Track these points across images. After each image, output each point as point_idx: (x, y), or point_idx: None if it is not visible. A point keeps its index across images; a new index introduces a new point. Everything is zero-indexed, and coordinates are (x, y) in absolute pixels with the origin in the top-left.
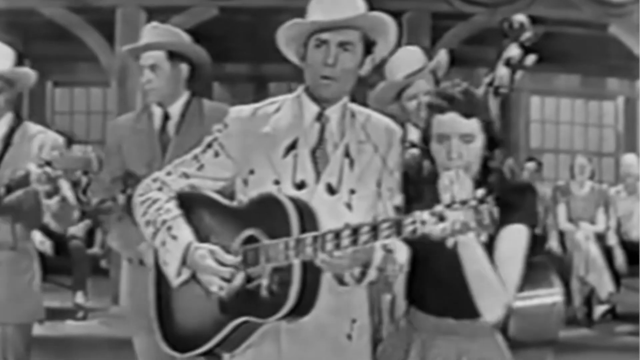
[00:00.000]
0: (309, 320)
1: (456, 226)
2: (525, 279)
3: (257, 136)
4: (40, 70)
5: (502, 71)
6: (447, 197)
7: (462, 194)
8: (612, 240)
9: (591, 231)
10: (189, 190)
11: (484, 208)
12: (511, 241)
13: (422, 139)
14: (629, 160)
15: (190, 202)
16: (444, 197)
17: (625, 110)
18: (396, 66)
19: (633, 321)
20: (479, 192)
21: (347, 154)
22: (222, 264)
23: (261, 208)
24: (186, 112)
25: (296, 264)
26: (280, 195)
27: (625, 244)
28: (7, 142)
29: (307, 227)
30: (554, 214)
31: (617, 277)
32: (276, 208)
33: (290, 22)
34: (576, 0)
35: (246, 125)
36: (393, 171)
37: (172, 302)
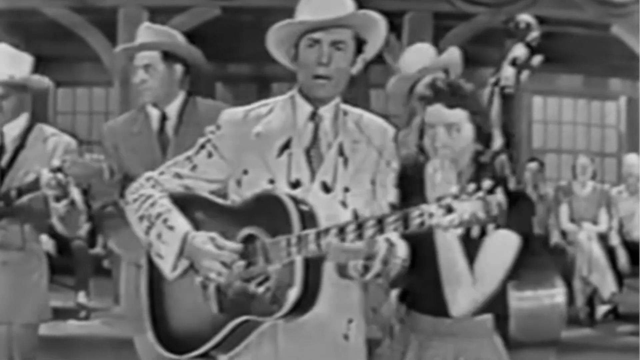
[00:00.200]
0: (306, 320)
1: (464, 217)
2: (527, 279)
3: (250, 137)
4: (42, 70)
5: (508, 71)
6: (454, 189)
7: (443, 185)
8: (615, 240)
9: (594, 231)
10: (182, 191)
11: (492, 199)
12: (495, 246)
13: (418, 133)
14: (631, 161)
15: (184, 203)
16: (428, 186)
17: (628, 110)
18: (408, 61)
19: (635, 321)
20: (486, 183)
21: (341, 152)
22: (222, 248)
23: (260, 206)
24: (183, 113)
25: (298, 261)
26: (280, 192)
27: (627, 244)
28: (21, 143)
29: (308, 224)
30: (556, 214)
31: (619, 277)
32: (276, 206)
33: (282, 23)
34: (578, 1)
35: (239, 127)
36: (388, 167)
37: (166, 302)
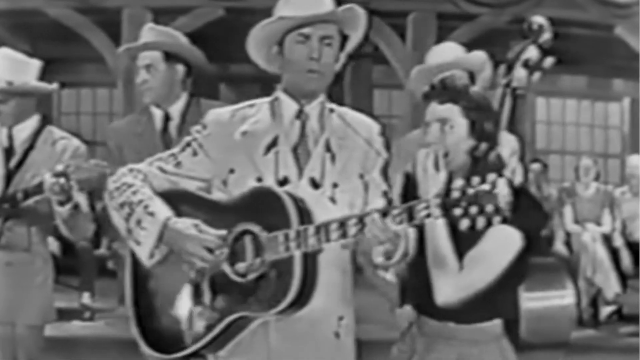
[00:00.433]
0: (298, 318)
1: (472, 211)
2: (537, 280)
3: (237, 137)
4: (46, 71)
5: (520, 72)
6: (459, 181)
7: (434, 175)
8: (619, 241)
9: (597, 232)
10: (165, 185)
11: (498, 192)
12: (495, 239)
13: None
14: (635, 162)
15: (172, 199)
16: (419, 180)
17: (631, 111)
18: (433, 57)
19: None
20: (490, 177)
21: (328, 148)
22: (207, 234)
23: (255, 202)
24: (187, 113)
25: (297, 255)
26: (276, 188)
27: (630, 245)
28: (30, 145)
29: (305, 219)
30: (560, 216)
31: (623, 278)
32: (272, 201)
33: (271, 19)
34: (582, 2)
35: (225, 127)
36: (378, 157)
37: (154, 301)
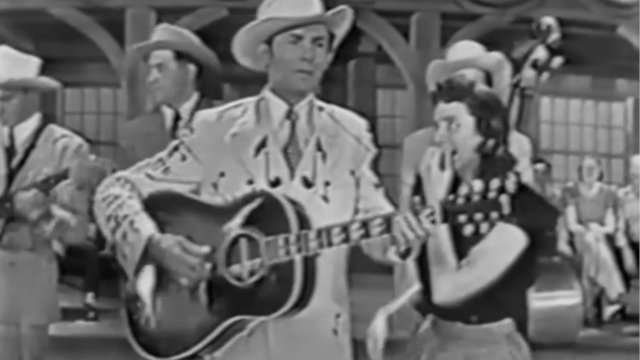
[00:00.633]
0: (297, 318)
1: (476, 217)
2: (544, 280)
3: (225, 139)
4: (50, 71)
5: (528, 73)
6: (464, 188)
7: (438, 174)
8: (622, 241)
9: (601, 232)
10: (160, 191)
11: (503, 198)
12: (498, 238)
13: None
14: (638, 162)
15: (165, 202)
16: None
17: (635, 111)
18: (451, 53)
19: None
20: (495, 182)
21: (319, 147)
22: (190, 252)
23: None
24: None
25: (298, 259)
26: (274, 191)
27: (634, 245)
28: (31, 144)
29: (304, 223)
30: (563, 215)
31: (626, 278)
32: (270, 205)
33: (265, 19)
34: (585, 1)
35: (213, 128)
36: (368, 152)
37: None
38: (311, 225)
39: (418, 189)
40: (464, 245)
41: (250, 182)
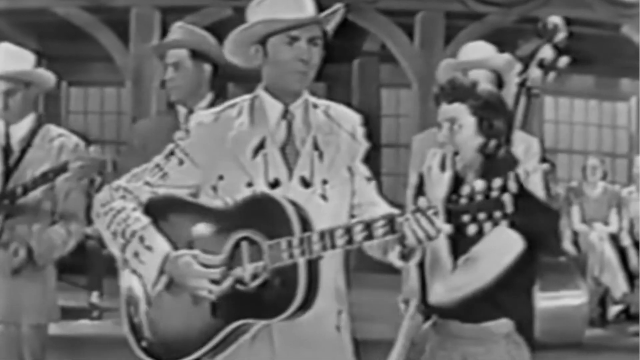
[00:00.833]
0: (301, 318)
1: (480, 217)
2: (550, 280)
3: (222, 141)
4: (54, 70)
5: (535, 72)
6: (466, 188)
7: (438, 175)
8: (626, 240)
9: (605, 232)
10: (158, 196)
11: (506, 197)
12: (495, 241)
13: None
14: None
15: (166, 207)
16: (426, 182)
17: (638, 111)
18: (462, 53)
19: None
20: (496, 182)
21: (316, 146)
22: (209, 266)
23: (254, 209)
24: None
25: (301, 262)
26: (276, 195)
27: (638, 244)
28: (27, 143)
29: (307, 226)
30: (567, 215)
31: (631, 277)
32: (272, 208)
33: (260, 21)
34: (589, 1)
35: (210, 131)
36: (361, 147)
37: (151, 308)
38: (313, 227)
39: (421, 189)
40: (462, 245)
41: (250, 184)
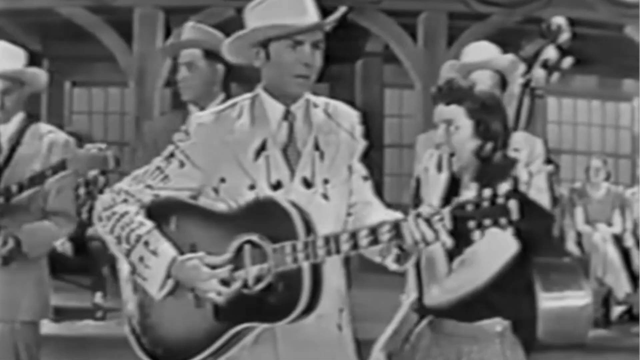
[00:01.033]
0: (305, 321)
1: (485, 223)
2: (554, 280)
3: (223, 143)
4: (58, 70)
5: (539, 73)
6: (472, 193)
7: (435, 176)
8: (629, 241)
9: (608, 233)
10: (161, 198)
11: (512, 204)
12: (489, 243)
13: None
14: None
15: (168, 210)
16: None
17: None
18: (465, 54)
19: None
20: (503, 188)
21: (317, 146)
22: (216, 267)
23: (258, 213)
24: None
25: (305, 266)
26: (280, 199)
27: None
28: (17, 141)
29: (311, 230)
30: (571, 216)
31: (634, 278)
32: (276, 211)
33: (267, 26)
34: (592, 1)
35: (210, 131)
36: (359, 145)
37: (152, 311)
38: (316, 231)
39: (418, 190)
40: (457, 246)
41: (252, 186)
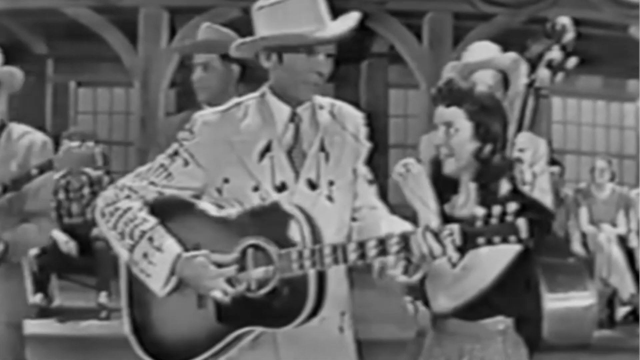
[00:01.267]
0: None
1: (495, 240)
2: (559, 281)
3: (228, 143)
4: (63, 70)
5: (543, 73)
6: (481, 210)
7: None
8: (634, 242)
9: (613, 233)
10: (164, 197)
11: (521, 222)
12: (484, 249)
13: None
14: None
15: (170, 209)
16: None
17: None
18: (467, 54)
19: None
20: (512, 206)
21: (322, 148)
22: (222, 265)
23: (264, 217)
24: None
25: (311, 273)
26: (287, 205)
27: None
28: None
29: (317, 238)
30: (575, 217)
31: (639, 278)
32: (283, 218)
33: (287, 35)
34: (597, 2)
35: (215, 131)
36: (363, 148)
37: (153, 311)
38: (322, 237)
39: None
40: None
41: (256, 188)
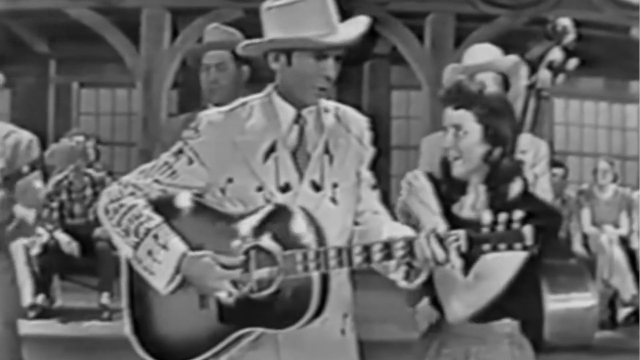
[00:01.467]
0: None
1: (500, 247)
2: (560, 282)
3: (233, 143)
4: (66, 71)
5: (544, 74)
6: (487, 217)
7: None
8: (636, 243)
9: (615, 234)
10: (169, 195)
11: (527, 230)
12: (495, 254)
13: None
14: None
15: (175, 208)
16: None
17: None
18: (467, 56)
19: None
20: (517, 214)
21: (327, 150)
22: (228, 267)
23: (269, 219)
24: None
25: (315, 275)
26: (293, 206)
27: None
28: None
29: (321, 239)
30: (577, 218)
31: None
32: (288, 219)
33: (297, 38)
34: (598, 3)
35: (220, 130)
36: (367, 151)
37: (155, 311)
38: (325, 238)
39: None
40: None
41: (260, 188)
